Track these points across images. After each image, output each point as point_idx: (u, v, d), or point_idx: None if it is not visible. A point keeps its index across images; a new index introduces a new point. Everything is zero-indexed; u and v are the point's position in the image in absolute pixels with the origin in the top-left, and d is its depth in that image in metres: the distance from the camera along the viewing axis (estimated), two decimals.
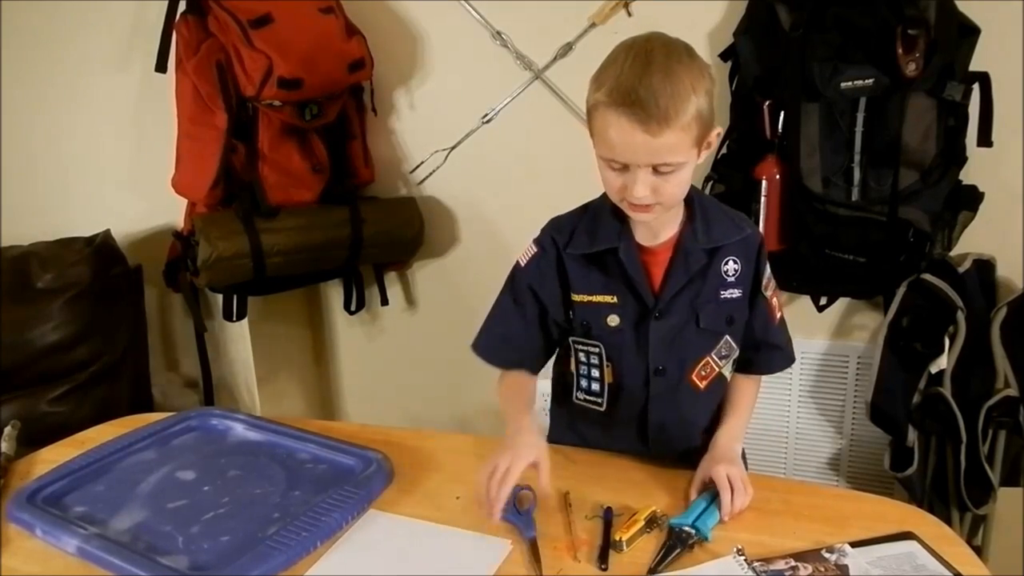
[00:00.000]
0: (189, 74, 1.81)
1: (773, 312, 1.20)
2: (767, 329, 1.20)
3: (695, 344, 1.16)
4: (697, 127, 0.99)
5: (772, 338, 1.21)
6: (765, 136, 1.66)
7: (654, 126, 0.96)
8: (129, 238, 2.18)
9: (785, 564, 0.96)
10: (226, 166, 1.84)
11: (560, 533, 1.05)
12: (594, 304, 1.15)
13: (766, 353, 1.21)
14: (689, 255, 1.12)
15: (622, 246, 1.11)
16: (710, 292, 1.14)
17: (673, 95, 0.96)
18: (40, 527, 1.07)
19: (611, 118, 0.98)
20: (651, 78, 0.96)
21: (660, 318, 1.13)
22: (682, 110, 0.97)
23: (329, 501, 1.09)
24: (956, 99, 1.57)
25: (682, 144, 0.99)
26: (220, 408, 1.43)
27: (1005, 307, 1.62)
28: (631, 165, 1.01)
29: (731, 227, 1.15)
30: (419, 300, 2.28)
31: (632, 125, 0.97)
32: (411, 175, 2.14)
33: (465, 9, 1.95)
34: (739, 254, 1.14)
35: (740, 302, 1.16)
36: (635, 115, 0.96)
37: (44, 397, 1.93)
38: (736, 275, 1.14)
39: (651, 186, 1.01)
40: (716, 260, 1.13)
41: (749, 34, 1.67)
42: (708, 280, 1.13)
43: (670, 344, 1.14)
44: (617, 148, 1.00)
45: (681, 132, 0.98)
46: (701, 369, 1.17)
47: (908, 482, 1.69)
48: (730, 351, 1.18)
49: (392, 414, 2.37)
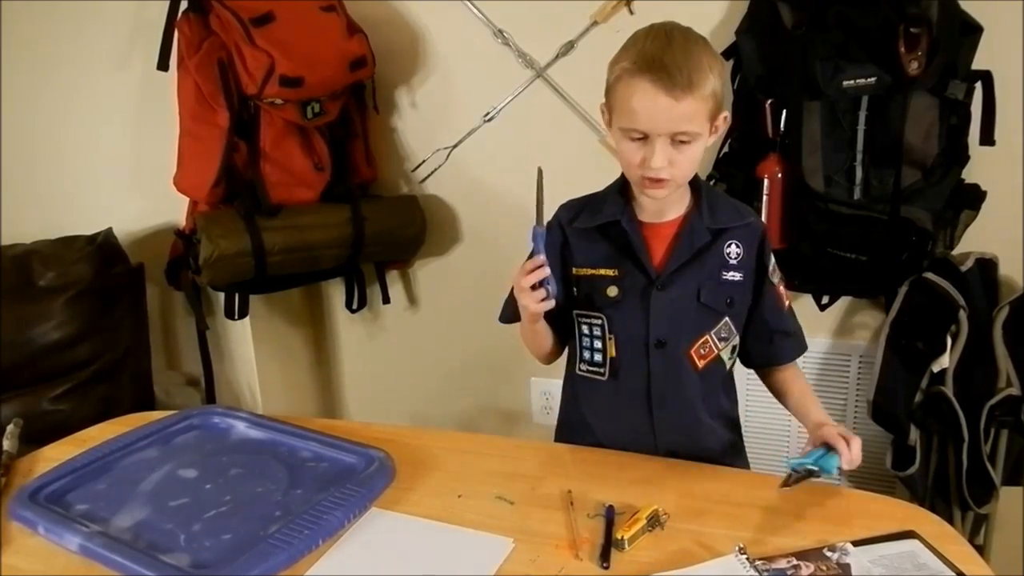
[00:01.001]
0: (191, 72, 1.81)
1: (781, 299, 1.24)
2: (778, 316, 1.23)
3: (695, 320, 1.18)
4: (713, 102, 1.06)
5: (783, 325, 1.24)
6: (767, 135, 1.66)
7: (678, 91, 1.02)
8: (131, 236, 2.18)
9: (787, 563, 0.96)
10: (228, 164, 1.84)
11: (562, 531, 1.05)
12: (596, 277, 1.19)
13: (779, 341, 1.24)
14: (694, 232, 1.17)
15: (624, 219, 1.17)
16: (712, 271, 1.17)
17: (695, 66, 1.02)
18: (42, 525, 1.07)
19: (636, 84, 1.03)
20: (673, 50, 1.03)
21: (662, 290, 1.16)
22: (703, 81, 1.03)
23: (331, 499, 1.09)
24: (958, 98, 1.57)
25: (699, 114, 1.05)
26: (222, 406, 1.43)
27: (1007, 306, 1.62)
28: (651, 135, 1.05)
29: (735, 214, 1.20)
30: (421, 299, 2.28)
31: (656, 90, 1.02)
32: (413, 173, 2.14)
33: (467, 7, 1.95)
34: (742, 239, 1.18)
35: (741, 286, 1.19)
36: (659, 80, 1.01)
37: (46, 395, 1.93)
38: (738, 259, 1.18)
39: (668, 157, 1.06)
40: (720, 242, 1.18)
41: (751, 33, 1.67)
42: (710, 259, 1.17)
43: (671, 316, 1.17)
44: (640, 115, 1.04)
45: (700, 102, 1.03)
46: (700, 347, 1.19)
47: (910, 481, 1.69)
48: (729, 334, 1.21)
49: (394, 412, 2.37)
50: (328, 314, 2.39)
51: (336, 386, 2.48)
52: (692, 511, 1.08)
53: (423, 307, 2.29)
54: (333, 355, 2.44)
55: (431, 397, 2.32)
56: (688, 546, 1.01)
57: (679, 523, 1.05)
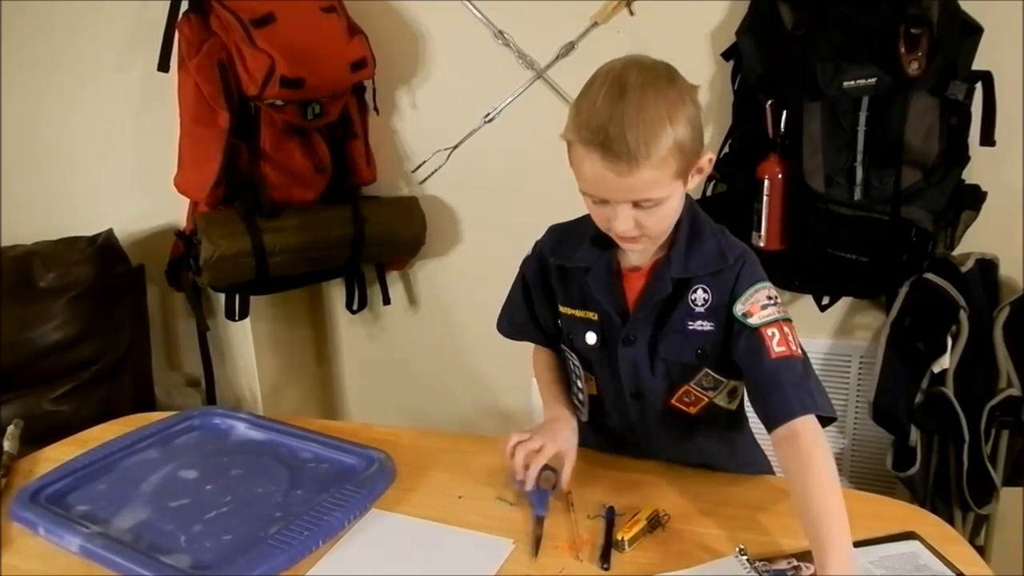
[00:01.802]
0: (191, 73, 1.81)
1: (769, 348, 1.01)
2: (763, 367, 1.01)
3: (665, 373, 1.10)
4: (677, 159, 0.95)
5: (772, 376, 1.01)
6: (767, 135, 1.66)
7: (624, 166, 0.92)
8: (131, 237, 2.18)
9: (787, 564, 0.96)
10: (228, 165, 1.84)
11: (562, 533, 1.05)
12: (576, 319, 1.14)
13: (774, 394, 1.01)
14: (658, 282, 1.07)
15: (595, 268, 1.09)
16: (677, 322, 1.07)
17: (646, 131, 0.91)
18: (43, 526, 1.07)
19: (585, 155, 0.95)
20: (623, 113, 0.92)
21: (628, 345, 1.10)
22: (655, 146, 0.92)
23: (331, 500, 1.09)
24: (959, 98, 1.57)
25: (660, 179, 0.95)
26: (222, 407, 1.43)
27: (1008, 307, 1.62)
28: (611, 201, 0.98)
29: (714, 258, 1.06)
30: (421, 299, 2.28)
31: (603, 164, 0.94)
32: (413, 174, 2.14)
33: (467, 8, 1.95)
34: (712, 284, 1.06)
35: (712, 336, 1.07)
36: (605, 155, 0.93)
37: (47, 396, 1.93)
38: (706, 305, 1.06)
39: (633, 219, 0.98)
40: (686, 290, 1.07)
41: (752, 33, 1.67)
42: (677, 310, 1.07)
43: (637, 372, 1.11)
44: (593, 185, 0.98)
45: (656, 169, 0.93)
46: (683, 396, 1.12)
47: (910, 482, 1.69)
48: (715, 383, 1.10)
49: (394, 413, 2.37)
50: (328, 315, 2.39)
51: (336, 387, 2.48)
52: (692, 512, 1.08)
53: (423, 308, 2.29)
54: (333, 356, 2.44)
55: (431, 398, 2.32)
56: (688, 547, 1.01)
57: (679, 524, 1.05)
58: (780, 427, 0.99)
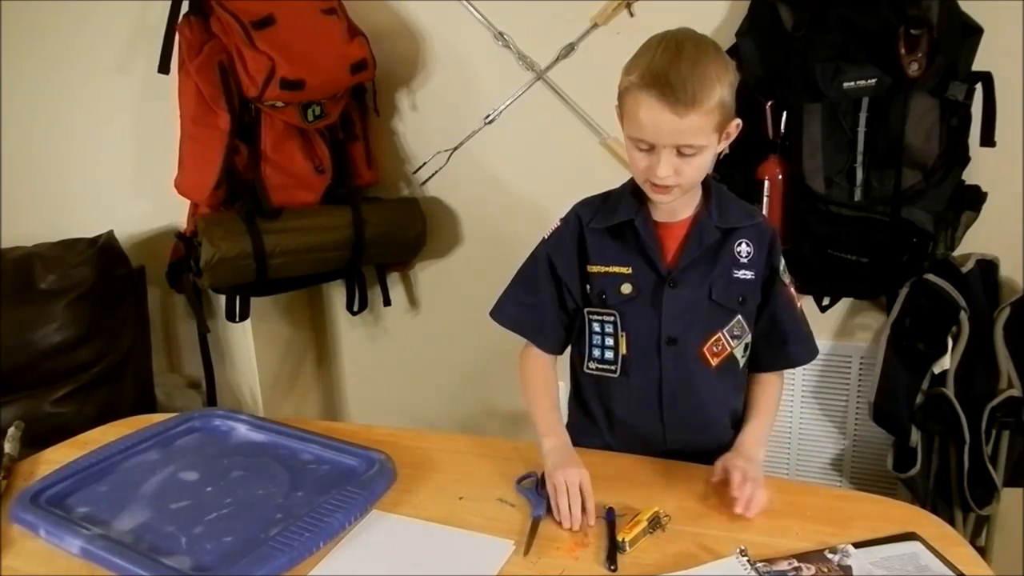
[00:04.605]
0: (192, 75, 1.81)
1: (793, 301, 1.24)
2: (791, 318, 1.23)
3: (707, 317, 1.20)
4: (719, 114, 1.06)
5: (797, 328, 1.24)
6: (767, 136, 1.66)
7: (681, 108, 1.03)
8: (132, 239, 2.18)
9: (788, 565, 0.96)
10: (229, 167, 1.84)
11: (563, 534, 1.05)
12: (610, 274, 1.21)
13: (793, 345, 1.24)
14: (704, 231, 1.18)
15: (639, 219, 1.19)
16: (723, 269, 1.19)
17: (700, 81, 1.03)
18: (44, 528, 1.07)
19: (642, 99, 1.05)
20: (680, 65, 1.04)
21: (674, 287, 1.18)
22: (707, 96, 1.04)
23: (332, 502, 1.09)
24: (959, 99, 1.57)
25: (705, 128, 1.06)
26: (223, 409, 1.43)
27: (1008, 307, 1.62)
28: (657, 146, 1.07)
29: (744, 214, 1.21)
30: (421, 301, 2.28)
31: (661, 106, 1.04)
32: (413, 176, 2.14)
33: (467, 10, 1.96)
34: (752, 239, 1.20)
35: (752, 284, 1.20)
36: (664, 96, 1.03)
37: (47, 398, 1.93)
38: (748, 258, 1.20)
39: (674, 166, 1.08)
40: (730, 241, 1.19)
41: (751, 34, 1.67)
42: (721, 258, 1.19)
43: (682, 314, 1.19)
44: (646, 128, 1.06)
45: (705, 116, 1.05)
46: (713, 345, 1.20)
47: (911, 482, 1.69)
48: (742, 332, 1.22)
49: (395, 415, 2.37)
50: (329, 316, 2.39)
51: (337, 388, 2.48)
52: (693, 513, 1.08)
53: (424, 309, 2.29)
54: (334, 357, 2.44)
55: (432, 399, 2.32)
56: (689, 548, 1.01)
57: (680, 525, 1.06)
58: (801, 365, 1.28)
